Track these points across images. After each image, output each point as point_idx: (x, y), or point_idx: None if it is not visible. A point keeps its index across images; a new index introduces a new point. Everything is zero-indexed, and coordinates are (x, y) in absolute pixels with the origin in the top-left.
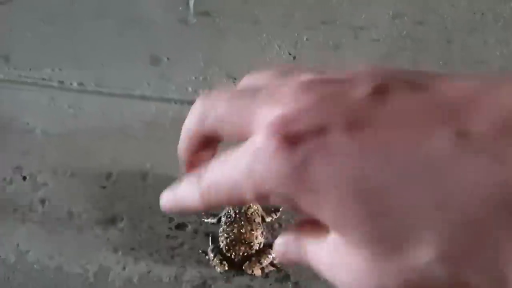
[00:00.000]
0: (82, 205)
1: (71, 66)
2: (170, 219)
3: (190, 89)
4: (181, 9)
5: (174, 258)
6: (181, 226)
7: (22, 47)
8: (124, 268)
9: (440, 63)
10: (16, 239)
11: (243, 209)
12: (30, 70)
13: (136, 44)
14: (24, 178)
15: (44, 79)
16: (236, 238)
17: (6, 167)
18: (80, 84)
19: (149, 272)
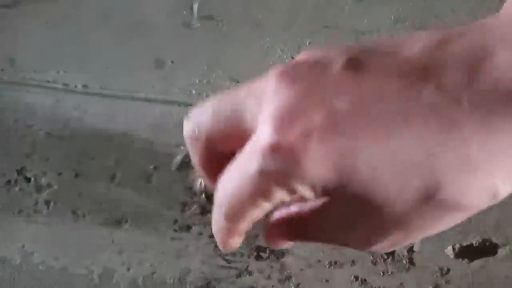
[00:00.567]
0: (87, 206)
1: (76, 68)
2: (175, 221)
3: (193, 92)
4: (185, 13)
5: (179, 260)
6: (185, 228)
7: (27, 50)
8: (128, 269)
9: None
10: (21, 241)
11: None
12: (34, 72)
13: (140, 47)
14: (28, 180)
15: (48, 82)
16: None
17: (10, 169)
18: (84, 86)
19: (153, 273)
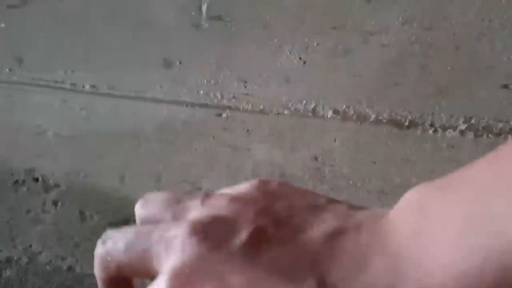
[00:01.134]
0: (95, 206)
1: (84, 68)
2: None
3: (201, 92)
4: (193, 13)
5: None
6: None
7: (35, 50)
8: None
9: (448, 69)
10: (28, 240)
11: None
12: (42, 72)
13: (148, 47)
14: (36, 180)
15: (56, 82)
16: None
17: (18, 169)
18: (92, 86)
19: None
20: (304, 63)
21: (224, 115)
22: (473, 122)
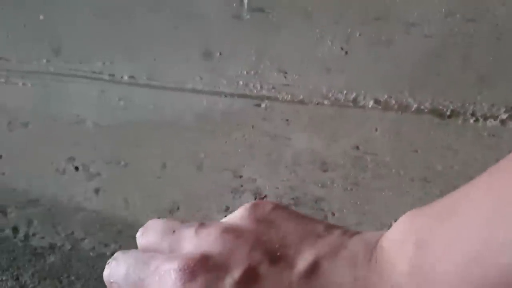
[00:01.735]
0: (137, 194)
1: (123, 59)
2: (226, 208)
3: (241, 83)
4: (235, 5)
5: None
6: None
7: (73, 41)
8: None
9: (490, 59)
10: (71, 227)
11: None
12: (80, 63)
13: (189, 38)
14: (76, 169)
15: (94, 72)
16: None
17: (58, 158)
18: (131, 77)
19: None
20: (345, 53)
21: (263, 105)
22: None
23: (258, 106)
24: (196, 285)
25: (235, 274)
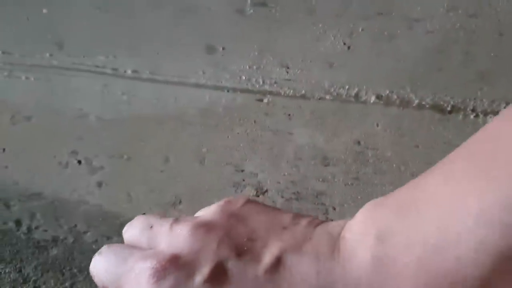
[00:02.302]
0: (140, 188)
1: (126, 54)
2: None
3: (243, 77)
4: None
5: None
6: None
7: (76, 35)
8: None
9: (491, 55)
10: (73, 221)
11: None
12: (83, 57)
13: (192, 33)
14: (79, 162)
15: (97, 66)
16: None
17: (61, 151)
18: (134, 71)
19: None
20: (348, 48)
21: (265, 100)
22: None
23: (261, 101)
24: (168, 282)
25: (204, 270)
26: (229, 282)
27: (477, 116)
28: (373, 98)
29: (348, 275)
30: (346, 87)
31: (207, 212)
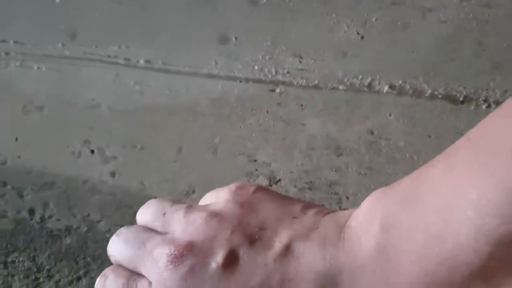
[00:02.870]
0: (153, 177)
1: (139, 44)
2: None
3: (256, 67)
4: None
5: None
6: None
7: (88, 25)
8: None
9: (504, 45)
10: (86, 210)
11: None
12: (96, 47)
13: (205, 23)
14: (92, 152)
15: (109, 56)
16: None
17: (74, 141)
18: (147, 61)
19: None
20: (361, 38)
21: (277, 90)
22: None
23: (273, 91)
24: (185, 268)
25: (218, 257)
26: (240, 268)
27: (489, 106)
28: (386, 88)
29: (353, 263)
30: (360, 77)
31: (219, 199)
